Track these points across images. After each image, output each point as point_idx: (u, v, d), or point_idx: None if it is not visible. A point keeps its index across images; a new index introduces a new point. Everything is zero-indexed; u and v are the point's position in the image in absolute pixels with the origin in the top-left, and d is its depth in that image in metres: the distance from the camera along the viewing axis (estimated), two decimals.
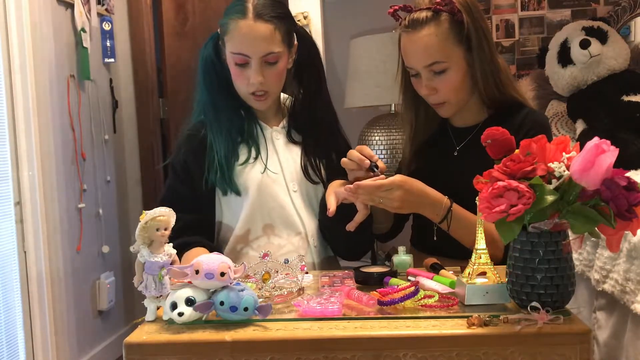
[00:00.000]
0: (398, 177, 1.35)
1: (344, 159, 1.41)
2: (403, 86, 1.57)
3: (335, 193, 1.41)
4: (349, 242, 1.54)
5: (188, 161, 1.53)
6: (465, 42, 1.44)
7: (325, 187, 1.56)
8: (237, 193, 1.51)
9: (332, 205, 1.38)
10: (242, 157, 1.52)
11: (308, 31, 1.66)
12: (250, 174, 1.52)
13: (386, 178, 1.34)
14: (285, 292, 1.17)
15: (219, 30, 1.57)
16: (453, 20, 1.43)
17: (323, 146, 1.60)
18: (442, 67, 1.44)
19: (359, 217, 1.39)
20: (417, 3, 1.47)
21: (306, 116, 1.60)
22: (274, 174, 1.53)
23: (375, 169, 1.37)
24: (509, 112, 1.50)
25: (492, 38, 1.52)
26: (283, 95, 1.64)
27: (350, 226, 1.39)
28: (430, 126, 1.59)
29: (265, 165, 1.52)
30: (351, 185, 1.34)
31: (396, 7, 1.49)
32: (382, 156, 2.89)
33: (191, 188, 1.52)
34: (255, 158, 1.53)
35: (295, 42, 1.57)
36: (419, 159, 1.59)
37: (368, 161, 1.37)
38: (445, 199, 1.38)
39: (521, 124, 1.46)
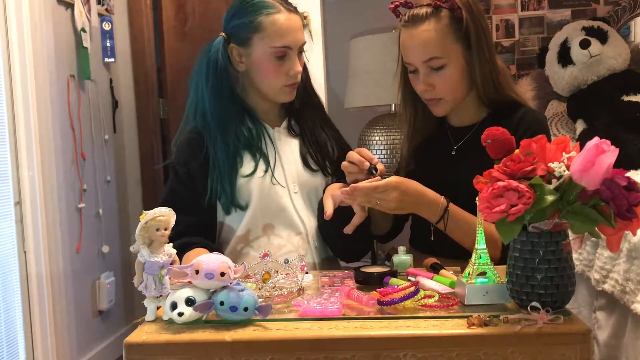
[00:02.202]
0: (394, 179, 1.35)
1: (344, 163, 1.41)
2: (402, 84, 1.57)
3: (332, 196, 1.42)
4: (347, 244, 1.54)
5: (190, 165, 1.52)
6: (464, 40, 1.45)
7: (325, 177, 1.56)
8: (242, 209, 1.51)
9: (329, 209, 1.39)
10: (247, 168, 1.52)
11: (308, 31, 1.68)
12: (256, 183, 1.52)
13: (383, 179, 1.34)
14: (285, 292, 1.18)
15: (225, 33, 1.54)
16: (453, 17, 1.44)
17: (318, 132, 1.61)
18: (440, 63, 1.44)
19: (356, 220, 1.39)
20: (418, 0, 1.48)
21: (301, 108, 1.62)
22: (281, 185, 1.53)
23: (375, 172, 1.37)
24: (507, 111, 1.50)
25: (491, 38, 1.53)
26: None
27: (348, 229, 1.39)
28: (429, 125, 1.59)
29: (273, 176, 1.52)
30: (347, 188, 1.34)
31: (397, 3, 1.49)
32: (381, 156, 2.89)
33: (192, 191, 1.51)
34: (265, 171, 1.52)
35: None
36: (417, 159, 1.59)
37: (367, 163, 1.37)
38: (442, 199, 1.38)
39: (519, 123, 1.46)
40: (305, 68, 1.64)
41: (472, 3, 1.46)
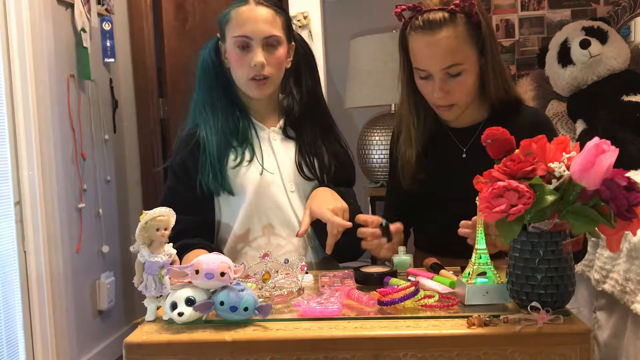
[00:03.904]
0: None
1: (362, 230, 1.42)
2: (406, 87, 1.54)
3: (311, 210, 1.45)
4: (339, 247, 1.53)
5: (186, 162, 1.53)
6: (478, 45, 1.43)
7: (321, 185, 1.56)
8: (230, 192, 1.51)
9: (303, 226, 1.44)
10: (236, 159, 1.53)
11: (308, 31, 1.68)
12: (247, 175, 1.52)
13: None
14: (285, 292, 1.17)
15: (218, 31, 1.58)
16: (469, 22, 1.41)
17: (317, 145, 1.60)
18: (459, 69, 1.42)
19: (331, 241, 1.42)
20: (426, 3, 1.44)
21: (301, 115, 1.61)
22: (271, 175, 1.53)
23: (384, 225, 1.38)
24: (510, 110, 1.50)
25: (497, 40, 1.52)
26: (280, 95, 1.65)
27: (328, 250, 1.43)
28: (427, 128, 1.56)
29: (262, 167, 1.52)
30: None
31: (403, 7, 1.45)
32: (381, 156, 2.89)
33: (190, 189, 1.51)
34: (250, 160, 1.52)
35: (293, 42, 1.59)
36: (424, 166, 1.55)
37: (380, 220, 1.40)
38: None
39: (533, 124, 1.45)
40: (314, 78, 1.64)
41: (481, 7, 1.44)
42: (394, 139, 1.65)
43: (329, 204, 1.45)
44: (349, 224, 1.41)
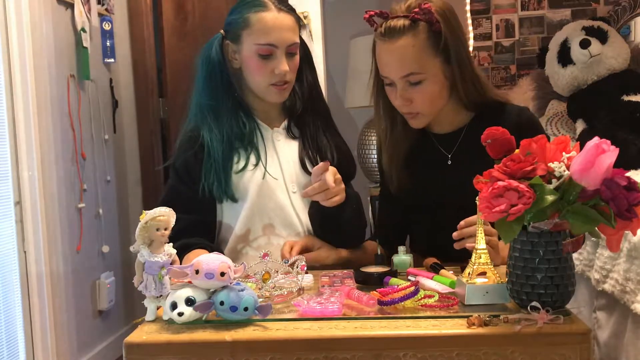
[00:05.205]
0: None
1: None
2: (376, 93, 1.53)
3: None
4: (341, 233, 1.54)
5: (189, 162, 1.53)
6: (443, 53, 1.41)
7: None
8: (234, 200, 1.51)
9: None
10: (241, 163, 1.52)
11: (308, 31, 1.68)
12: (249, 178, 1.52)
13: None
14: (285, 292, 1.18)
15: (223, 30, 1.57)
16: (430, 30, 1.39)
17: (320, 139, 1.60)
18: (418, 78, 1.40)
19: (309, 190, 1.42)
20: (394, 10, 1.43)
21: (304, 111, 1.61)
22: (273, 178, 1.53)
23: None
24: (494, 112, 1.49)
25: (468, 47, 1.50)
26: None
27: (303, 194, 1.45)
28: (409, 134, 1.54)
29: (265, 170, 1.52)
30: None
31: (372, 13, 1.44)
32: None
33: (192, 189, 1.52)
34: (256, 165, 1.53)
35: None
36: (408, 176, 1.54)
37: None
38: None
39: (518, 123, 1.44)
40: (313, 73, 1.64)
41: (449, 14, 1.41)
42: (378, 146, 1.64)
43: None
44: (333, 185, 1.39)
